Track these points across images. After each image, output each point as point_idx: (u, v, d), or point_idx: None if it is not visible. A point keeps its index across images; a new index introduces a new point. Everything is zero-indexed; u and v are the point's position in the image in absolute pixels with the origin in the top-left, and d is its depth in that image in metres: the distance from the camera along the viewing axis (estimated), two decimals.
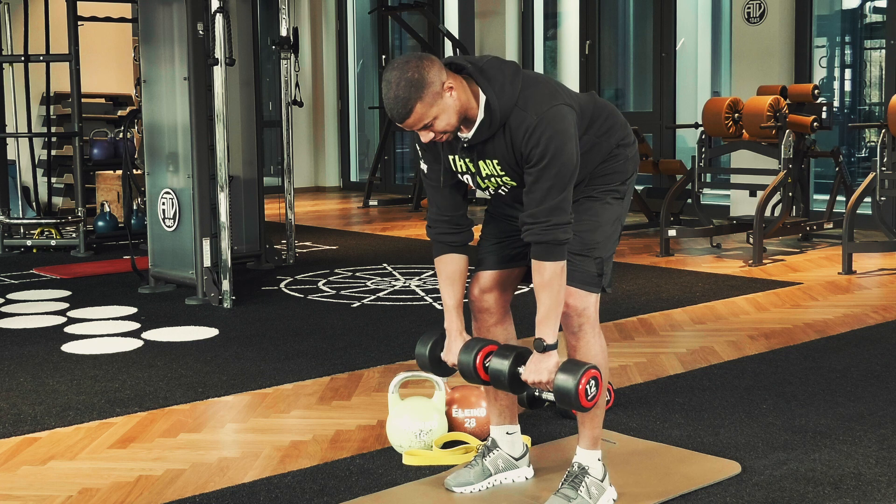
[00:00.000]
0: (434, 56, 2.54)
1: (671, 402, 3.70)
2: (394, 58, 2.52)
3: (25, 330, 5.05)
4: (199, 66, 5.72)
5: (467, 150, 2.63)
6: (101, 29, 8.45)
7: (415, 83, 2.46)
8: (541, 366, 2.59)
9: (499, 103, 2.53)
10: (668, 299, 5.61)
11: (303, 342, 4.73)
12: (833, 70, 9.82)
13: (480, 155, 2.62)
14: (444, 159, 2.70)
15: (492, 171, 2.63)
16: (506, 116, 2.54)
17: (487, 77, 2.55)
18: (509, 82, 2.55)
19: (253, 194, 6.56)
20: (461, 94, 2.52)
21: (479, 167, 2.64)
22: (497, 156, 2.60)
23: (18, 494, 2.93)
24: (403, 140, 12.31)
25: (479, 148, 2.61)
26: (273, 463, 3.15)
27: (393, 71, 2.48)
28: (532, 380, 2.59)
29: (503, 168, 2.61)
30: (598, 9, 10.18)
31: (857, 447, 3.20)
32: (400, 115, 2.49)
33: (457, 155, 2.66)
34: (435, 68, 2.49)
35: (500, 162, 2.61)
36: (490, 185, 2.68)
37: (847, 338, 4.70)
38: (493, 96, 2.53)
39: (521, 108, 2.54)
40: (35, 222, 7.94)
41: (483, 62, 2.59)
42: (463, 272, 2.79)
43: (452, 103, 2.51)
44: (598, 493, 2.74)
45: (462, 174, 2.70)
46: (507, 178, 2.63)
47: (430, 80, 2.47)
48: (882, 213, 6.79)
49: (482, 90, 2.55)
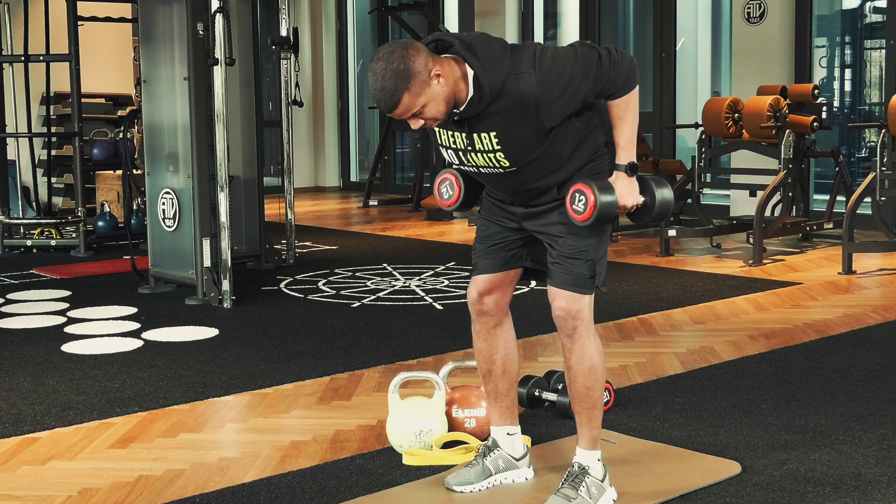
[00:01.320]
0: (419, 43, 2.52)
1: (671, 402, 3.70)
2: (379, 47, 2.52)
3: (25, 330, 5.05)
4: (199, 66, 5.72)
5: (458, 124, 2.60)
6: (101, 29, 8.45)
7: (401, 73, 2.44)
8: (633, 188, 2.68)
9: (488, 79, 2.51)
10: (668, 299, 5.61)
11: (303, 342, 4.73)
12: (833, 70, 9.82)
13: (474, 128, 2.59)
14: (429, 130, 2.68)
15: (486, 147, 2.60)
16: (496, 91, 2.52)
17: (476, 53, 2.53)
18: (498, 57, 2.53)
19: (253, 194, 6.56)
20: (449, 79, 2.50)
21: (472, 140, 2.61)
22: (496, 128, 2.57)
23: (18, 494, 2.93)
24: (403, 140, 12.30)
25: (473, 121, 2.58)
26: (273, 463, 3.15)
27: (378, 62, 2.46)
28: (631, 202, 2.67)
29: (501, 142, 2.58)
30: (598, 9, 10.18)
31: (857, 447, 3.20)
32: (387, 106, 2.49)
33: (446, 129, 2.64)
34: (421, 56, 2.47)
35: (499, 135, 2.57)
36: (478, 161, 2.64)
37: (847, 338, 4.70)
38: (482, 72, 2.51)
39: (515, 73, 2.52)
40: (35, 222, 7.94)
41: (471, 38, 2.56)
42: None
43: (441, 90, 2.49)
44: (598, 493, 2.74)
45: (447, 148, 2.68)
46: (501, 154, 2.60)
47: (417, 70, 2.45)
48: (882, 213, 6.79)
49: (470, 66, 2.52)
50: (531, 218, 2.75)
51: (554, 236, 2.71)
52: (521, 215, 2.77)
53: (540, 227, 2.74)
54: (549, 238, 2.73)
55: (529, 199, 2.73)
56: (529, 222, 2.76)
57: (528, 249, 2.84)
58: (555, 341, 4.55)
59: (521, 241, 2.83)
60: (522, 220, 2.78)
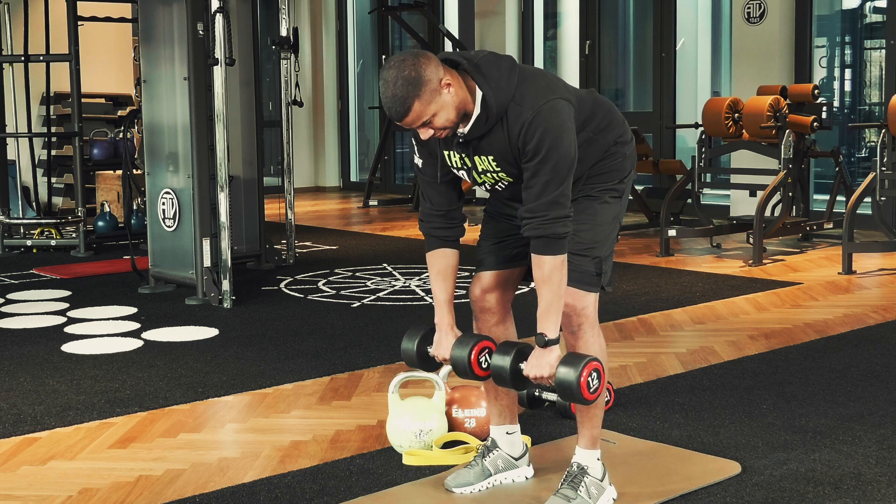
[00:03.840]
0: (431, 53, 2.53)
1: (671, 402, 3.70)
2: (391, 55, 2.54)
3: (25, 330, 5.05)
4: (199, 66, 5.72)
5: (462, 146, 2.62)
6: (101, 29, 8.45)
7: (412, 81, 2.45)
8: (542, 360, 2.58)
9: (495, 99, 2.52)
10: (668, 299, 5.61)
11: (303, 342, 4.73)
12: (833, 70, 9.82)
13: (476, 151, 2.61)
14: (439, 154, 2.69)
15: (487, 167, 2.62)
16: (502, 112, 2.53)
17: (483, 72, 2.54)
18: (505, 77, 2.54)
19: (253, 194, 6.56)
20: (458, 89, 2.51)
21: (474, 163, 2.63)
22: (493, 152, 2.59)
23: (18, 494, 2.93)
24: (403, 140, 12.30)
25: (475, 143, 2.60)
26: (273, 463, 3.15)
27: (390, 70, 2.47)
28: (534, 374, 2.58)
29: (499, 164, 2.60)
30: (598, 9, 10.18)
31: (857, 447, 3.20)
32: (398, 113, 2.49)
33: (452, 150, 2.65)
34: (432, 65, 2.48)
35: (496, 158, 2.59)
36: (486, 180, 2.67)
37: (847, 338, 4.70)
38: (489, 92, 2.52)
39: (517, 103, 2.53)
40: (35, 222, 7.94)
41: (479, 57, 2.58)
42: (454, 267, 2.78)
43: (451, 100, 2.50)
44: (597, 493, 2.74)
45: (458, 169, 2.69)
46: (503, 173, 2.62)
47: (428, 78, 2.46)
48: (882, 213, 6.79)
49: (478, 86, 2.53)
50: None
51: None
52: None
53: None
54: None
55: None
56: None
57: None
58: None
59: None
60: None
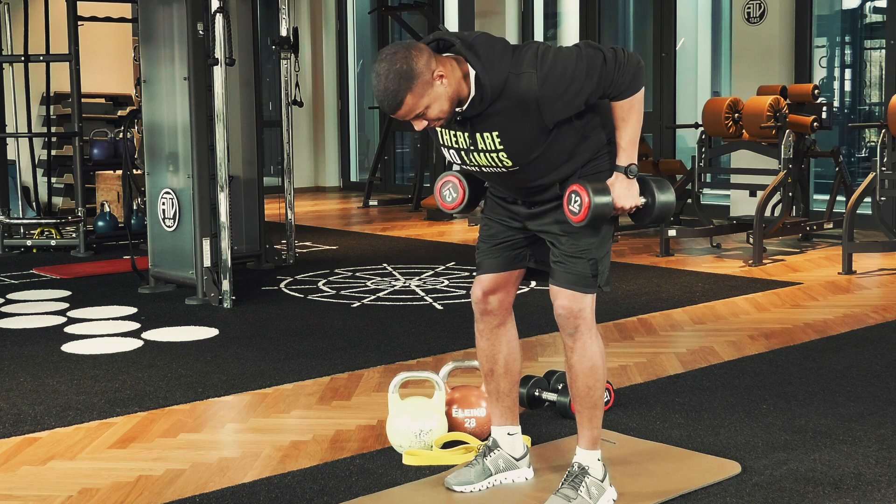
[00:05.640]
0: (422, 44, 2.52)
1: (671, 402, 3.70)
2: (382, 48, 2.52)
3: (25, 330, 5.05)
4: (199, 66, 5.72)
5: (460, 124, 2.60)
6: (101, 29, 8.45)
7: (404, 74, 2.44)
8: (632, 190, 2.66)
9: (489, 79, 2.51)
10: (668, 299, 5.61)
11: (303, 342, 4.73)
12: (833, 70, 9.82)
13: (477, 128, 2.59)
14: (431, 130, 2.68)
15: (489, 146, 2.60)
16: (497, 91, 2.52)
17: (477, 52, 2.53)
18: (499, 56, 2.53)
19: (253, 194, 6.56)
20: (451, 79, 2.50)
21: (475, 140, 2.61)
22: (498, 127, 2.57)
23: (18, 494, 2.93)
24: (403, 140, 12.30)
25: (476, 121, 2.58)
26: (273, 463, 3.15)
27: (382, 63, 2.47)
28: (629, 204, 2.66)
29: (503, 142, 2.58)
30: (598, 9, 10.18)
31: (857, 447, 3.20)
32: (391, 107, 2.49)
33: (449, 128, 2.63)
34: (424, 57, 2.47)
35: (501, 134, 2.57)
36: (481, 161, 2.64)
37: (847, 338, 4.70)
38: (483, 71, 2.51)
39: (516, 73, 2.52)
40: (35, 222, 7.94)
41: (472, 37, 2.57)
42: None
43: (444, 91, 2.49)
44: (598, 494, 2.74)
45: (448, 148, 2.68)
46: (503, 154, 2.60)
47: (420, 71, 2.45)
48: (882, 213, 6.79)
49: (471, 66, 2.53)
50: (534, 218, 2.76)
51: (556, 235, 2.71)
52: (525, 215, 2.77)
53: (543, 227, 2.74)
54: (552, 237, 2.73)
55: (532, 196, 2.73)
56: (533, 222, 2.77)
57: (531, 250, 2.85)
58: (555, 341, 4.56)
59: (525, 240, 2.83)
60: (526, 220, 2.78)
